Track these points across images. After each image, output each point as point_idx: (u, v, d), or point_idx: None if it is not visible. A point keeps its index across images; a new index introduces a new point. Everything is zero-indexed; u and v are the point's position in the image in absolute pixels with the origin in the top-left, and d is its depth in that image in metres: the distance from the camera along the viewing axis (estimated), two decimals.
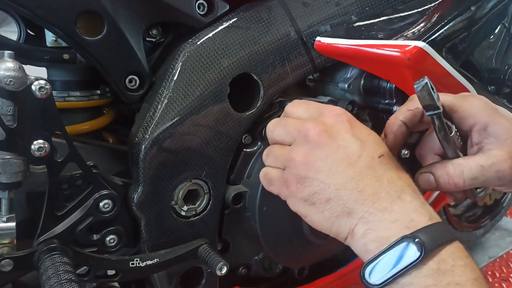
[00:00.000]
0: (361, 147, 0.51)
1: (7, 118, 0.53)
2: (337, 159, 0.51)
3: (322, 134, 0.51)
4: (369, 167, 0.50)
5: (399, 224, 0.46)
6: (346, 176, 0.50)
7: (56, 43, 0.74)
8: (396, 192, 0.48)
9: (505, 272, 1.51)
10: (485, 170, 0.53)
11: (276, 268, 0.89)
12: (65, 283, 0.51)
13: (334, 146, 0.51)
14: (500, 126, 0.54)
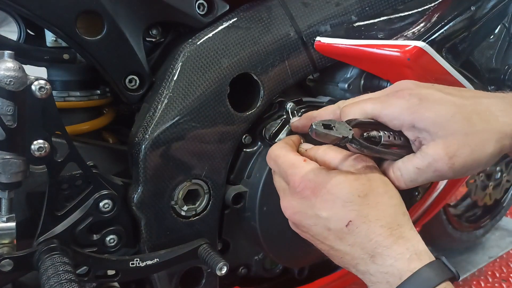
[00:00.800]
0: (327, 222, 0.52)
1: (7, 118, 0.53)
2: (314, 234, 0.55)
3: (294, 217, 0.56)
4: (340, 239, 0.52)
5: (380, 285, 0.49)
6: (327, 246, 0.55)
7: (56, 43, 0.74)
8: (369, 257, 0.50)
9: (505, 272, 1.51)
10: (422, 171, 0.52)
11: (276, 268, 0.89)
12: (65, 283, 0.51)
13: (306, 225, 0.55)
14: (426, 120, 0.51)
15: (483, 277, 1.48)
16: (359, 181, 0.52)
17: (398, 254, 0.48)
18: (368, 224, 0.50)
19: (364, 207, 0.51)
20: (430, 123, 0.51)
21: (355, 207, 0.51)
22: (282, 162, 0.58)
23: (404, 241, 0.49)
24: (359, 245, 0.51)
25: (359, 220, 0.51)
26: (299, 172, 0.55)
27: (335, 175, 0.53)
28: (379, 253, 0.49)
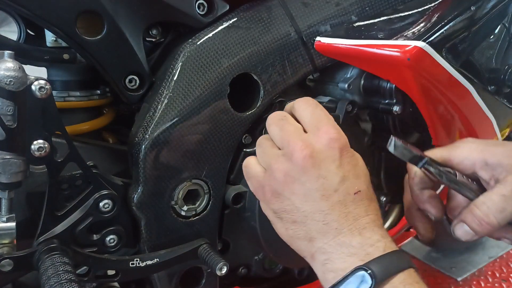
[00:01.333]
0: (340, 181, 0.53)
1: (7, 118, 0.53)
2: (313, 188, 0.53)
3: (306, 159, 0.53)
4: (341, 203, 0.53)
5: (355, 258, 0.50)
6: (317, 207, 0.53)
7: (56, 43, 0.74)
8: (358, 229, 0.52)
9: (505, 272, 1.51)
10: (509, 198, 0.52)
11: (276, 268, 0.89)
12: (65, 283, 0.51)
13: (315, 174, 0.53)
14: (498, 155, 0.54)
15: (483, 277, 1.48)
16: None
17: (385, 234, 0.53)
18: (370, 201, 0.54)
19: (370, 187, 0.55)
20: (503, 156, 0.54)
21: (366, 181, 0.55)
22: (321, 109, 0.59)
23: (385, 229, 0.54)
24: (355, 216, 0.52)
25: (366, 194, 0.54)
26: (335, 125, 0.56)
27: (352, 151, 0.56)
28: (371, 229, 0.52)
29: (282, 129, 0.57)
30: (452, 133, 0.86)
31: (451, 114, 0.81)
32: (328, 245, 0.52)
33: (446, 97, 0.77)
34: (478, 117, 0.84)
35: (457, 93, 0.77)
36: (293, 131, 0.56)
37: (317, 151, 0.53)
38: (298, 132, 0.56)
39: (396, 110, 0.80)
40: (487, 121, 0.87)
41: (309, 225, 0.53)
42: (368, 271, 0.48)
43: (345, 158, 0.54)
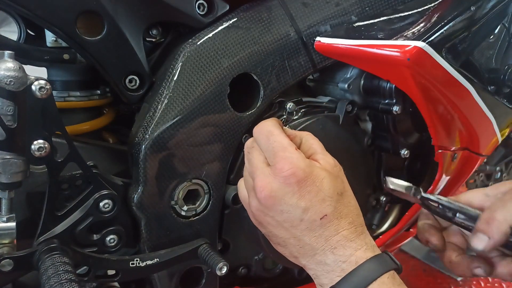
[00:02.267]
0: (303, 212, 0.56)
1: (7, 118, 0.53)
2: (281, 220, 0.57)
3: (267, 199, 0.57)
4: (309, 230, 0.56)
5: (333, 274, 0.55)
6: (289, 234, 0.57)
7: (56, 43, 0.74)
8: (330, 248, 0.55)
9: None
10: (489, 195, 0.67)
11: (276, 268, 0.89)
12: (65, 283, 0.51)
13: (278, 210, 0.57)
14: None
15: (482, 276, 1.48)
16: (338, 180, 0.58)
17: (359, 245, 0.55)
18: (339, 220, 0.56)
19: (340, 204, 0.57)
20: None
21: (333, 203, 0.56)
22: (274, 141, 0.59)
23: (364, 236, 0.57)
24: (325, 237, 0.56)
25: (334, 215, 0.56)
26: (290, 157, 0.57)
27: (321, 170, 0.57)
28: (342, 245, 0.55)
29: (249, 162, 0.61)
30: (452, 133, 0.86)
31: (451, 114, 0.81)
32: (310, 263, 0.57)
33: (446, 97, 0.77)
34: (478, 117, 0.84)
35: (457, 93, 0.77)
36: (256, 165, 0.60)
37: (275, 190, 0.56)
38: (260, 167, 0.59)
39: (396, 110, 0.80)
40: (487, 121, 0.87)
41: (289, 248, 0.59)
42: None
43: (304, 188, 0.56)
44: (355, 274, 0.53)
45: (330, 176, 0.57)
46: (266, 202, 0.57)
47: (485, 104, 0.83)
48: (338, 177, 0.59)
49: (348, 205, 0.58)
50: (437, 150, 0.86)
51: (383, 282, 0.53)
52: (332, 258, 0.55)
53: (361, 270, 0.53)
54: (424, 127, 0.82)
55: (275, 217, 0.58)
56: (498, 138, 0.94)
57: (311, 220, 0.56)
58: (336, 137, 0.81)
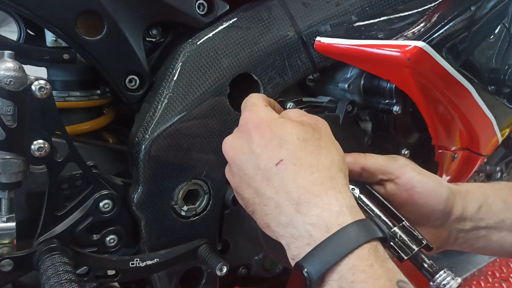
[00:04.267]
0: (258, 158, 0.50)
1: (7, 118, 0.53)
2: (242, 174, 0.52)
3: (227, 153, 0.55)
4: (267, 180, 0.49)
5: (301, 241, 0.45)
6: (252, 191, 0.51)
7: (56, 43, 0.73)
8: (293, 205, 0.46)
9: (505, 272, 1.51)
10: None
11: (276, 268, 0.89)
12: (65, 283, 0.51)
13: (238, 161, 0.53)
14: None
15: (483, 277, 1.48)
16: (305, 128, 0.51)
17: (326, 204, 0.45)
18: (299, 167, 0.48)
19: (300, 151, 0.49)
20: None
21: (290, 147, 0.49)
22: (248, 101, 0.58)
23: (335, 193, 0.46)
24: (285, 188, 0.47)
25: (291, 161, 0.48)
26: (253, 109, 0.55)
27: (282, 119, 0.52)
28: (305, 201, 0.45)
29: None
30: (452, 133, 0.86)
31: (451, 114, 0.81)
32: (278, 228, 0.48)
33: (446, 97, 0.77)
34: (478, 117, 0.84)
35: (457, 93, 0.77)
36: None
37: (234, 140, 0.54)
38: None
39: (396, 110, 0.80)
40: (487, 121, 0.87)
41: (257, 213, 0.51)
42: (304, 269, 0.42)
43: (259, 133, 0.51)
44: (325, 246, 0.42)
45: (293, 123, 0.51)
46: (228, 156, 0.54)
47: (485, 104, 0.83)
48: (306, 125, 0.51)
49: (312, 153, 0.49)
50: (437, 150, 0.86)
51: (361, 256, 0.42)
52: (298, 219, 0.45)
53: (333, 239, 0.42)
54: (424, 127, 0.82)
55: (238, 172, 0.52)
56: (498, 138, 0.94)
57: (267, 168, 0.48)
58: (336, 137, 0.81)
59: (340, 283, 0.41)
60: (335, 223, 0.43)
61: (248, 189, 0.52)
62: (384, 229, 0.45)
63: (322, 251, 0.42)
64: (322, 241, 0.43)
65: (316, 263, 0.42)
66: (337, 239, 0.42)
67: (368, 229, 0.44)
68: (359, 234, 0.43)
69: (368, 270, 0.41)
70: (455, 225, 0.63)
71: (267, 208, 0.49)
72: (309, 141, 0.50)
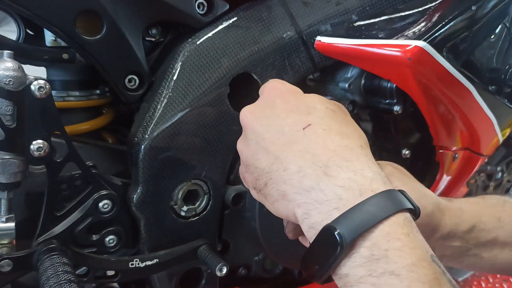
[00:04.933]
0: (283, 121, 0.47)
1: (6, 118, 0.53)
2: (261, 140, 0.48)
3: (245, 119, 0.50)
4: (291, 143, 0.45)
5: (328, 206, 0.41)
6: (270, 159, 0.46)
7: (56, 42, 0.73)
8: (321, 168, 0.42)
9: None
10: None
11: (276, 269, 0.89)
12: (65, 284, 0.50)
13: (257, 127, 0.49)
14: None
15: (483, 277, 1.48)
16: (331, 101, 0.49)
17: (359, 169, 0.42)
18: (328, 132, 0.45)
19: (329, 118, 0.46)
20: None
21: (319, 113, 0.46)
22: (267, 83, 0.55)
23: (367, 160, 0.43)
24: (312, 151, 0.44)
25: (320, 125, 0.45)
26: (276, 81, 0.53)
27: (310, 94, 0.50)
28: (336, 163, 0.42)
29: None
30: (453, 133, 0.86)
31: (452, 114, 0.81)
32: (298, 194, 0.44)
33: (447, 96, 0.77)
34: (478, 117, 0.84)
35: (458, 92, 0.77)
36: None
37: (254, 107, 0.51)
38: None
39: (397, 110, 0.79)
40: (488, 121, 0.86)
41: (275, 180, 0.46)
42: (336, 231, 0.39)
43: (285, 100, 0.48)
44: (359, 209, 0.39)
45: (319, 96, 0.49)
46: (246, 122, 0.50)
47: (486, 104, 0.83)
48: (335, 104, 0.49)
49: (341, 123, 0.47)
50: (438, 150, 0.86)
51: (397, 224, 0.39)
52: (326, 182, 0.41)
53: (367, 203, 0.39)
54: (425, 127, 0.81)
55: (256, 139, 0.48)
56: (499, 138, 0.94)
57: (293, 131, 0.45)
58: None
59: (372, 250, 0.38)
60: (368, 188, 0.41)
61: (265, 156, 0.47)
62: (414, 203, 0.43)
63: (355, 214, 0.39)
64: (355, 205, 0.40)
65: (350, 226, 0.39)
66: (372, 203, 0.39)
67: (402, 199, 0.41)
68: (395, 202, 0.40)
69: (404, 239, 0.38)
70: (441, 242, 0.59)
71: (286, 173, 0.44)
72: (337, 112, 0.48)
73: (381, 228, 0.39)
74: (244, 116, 0.51)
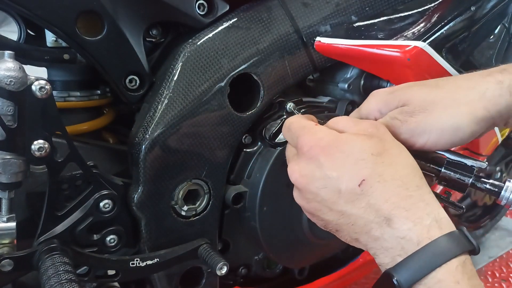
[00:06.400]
0: (338, 182, 0.49)
1: (7, 118, 0.53)
2: (322, 199, 0.50)
3: (299, 182, 0.52)
4: (352, 202, 0.48)
5: (392, 252, 0.46)
6: (336, 213, 0.50)
7: (56, 43, 0.74)
8: (384, 220, 0.46)
9: (505, 272, 1.51)
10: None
11: (276, 268, 0.89)
12: (65, 283, 0.51)
13: (314, 189, 0.50)
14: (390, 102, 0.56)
15: (483, 277, 1.48)
16: (372, 140, 0.49)
17: (417, 218, 0.45)
18: (383, 183, 0.47)
19: (378, 166, 0.48)
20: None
21: (368, 164, 0.48)
22: (294, 127, 0.55)
23: (424, 205, 0.46)
24: (373, 207, 0.47)
25: (373, 178, 0.47)
26: (308, 132, 0.52)
27: (346, 135, 0.50)
28: (396, 215, 0.46)
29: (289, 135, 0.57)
30: None
31: None
32: (368, 241, 0.48)
33: None
34: None
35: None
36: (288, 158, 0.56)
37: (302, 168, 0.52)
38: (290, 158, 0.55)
39: None
40: None
41: (345, 231, 0.51)
42: (394, 278, 0.44)
43: (330, 157, 0.49)
44: (415, 258, 0.44)
45: (359, 137, 0.50)
46: (300, 185, 0.51)
47: None
48: (373, 137, 0.50)
49: (391, 165, 0.48)
50: None
51: (449, 272, 0.43)
52: (390, 233, 0.46)
53: (423, 252, 0.44)
54: None
55: (315, 199, 0.51)
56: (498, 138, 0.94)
57: (350, 190, 0.48)
58: None
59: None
60: (426, 237, 0.45)
61: (330, 212, 0.51)
62: (472, 240, 0.46)
63: (412, 263, 0.44)
64: (413, 253, 0.44)
65: (407, 274, 0.44)
66: (427, 252, 0.44)
67: (458, 242, 0.45)
68: (449, 248, 0.44)
69: (454, 287, 0.43)
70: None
71: (355, 226, 0.49)
72: (383, 154, 0.49)
73: (434, 276, 0.43)
74: (295, 179, 0.53)
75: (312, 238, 0.80)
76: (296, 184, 0.53)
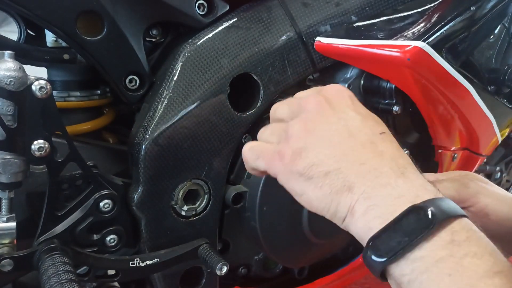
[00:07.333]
0: (362, 122, 0.48)
1: (7, 118, 0.53)
2: (338, 129, 0.47)
3: (323, 104, 0.49)
4: (371, 142, 0.46)
5: (404, 200, 0.42)
6: (347, 147, 0.46)
7: (56, 43, 0.74)
8: (399, 169, 0.44)
9: None
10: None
11: (276, 268, 0.89)
12: (65, 283, 0.51)
13: (335, 116, 0.48)
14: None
15: None
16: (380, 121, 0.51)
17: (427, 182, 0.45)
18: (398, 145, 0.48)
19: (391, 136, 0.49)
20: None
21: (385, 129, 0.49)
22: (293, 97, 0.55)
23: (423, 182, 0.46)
24: (391, 154, 0.45)
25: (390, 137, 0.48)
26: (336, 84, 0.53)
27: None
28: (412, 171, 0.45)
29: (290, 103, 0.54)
30: (452, 133, 0.86)
31: (451, 114, 0.81)
32: (371, 188, 0.44)
33: (446, 97, 0.77)
34: (478, 117, 0.84)
35: (457, 93, 0.77)
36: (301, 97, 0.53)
37: (329, 97, 0.50)
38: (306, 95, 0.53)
39: (396, 110, 0.80)
40: (487, 121, 0.87)
41: (344, 171, 0.45)
42: (429, 208, 0.40)
43: (357, 104, 0.50)
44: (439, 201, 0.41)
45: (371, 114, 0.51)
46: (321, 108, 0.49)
47: (485, 104, 0.83)
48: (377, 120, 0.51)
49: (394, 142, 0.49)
50: (437, 150, 0.87)
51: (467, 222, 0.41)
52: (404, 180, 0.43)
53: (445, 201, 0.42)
54: (424, 127, 0.82)
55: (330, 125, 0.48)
56: (498, 138, 0.94)
57: (371, 132, 0.47)
58: None
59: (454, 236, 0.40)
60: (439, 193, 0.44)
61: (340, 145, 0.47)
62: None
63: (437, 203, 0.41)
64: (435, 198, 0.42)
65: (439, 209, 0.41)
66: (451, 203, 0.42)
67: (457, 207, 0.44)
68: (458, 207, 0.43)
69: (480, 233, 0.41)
70: None
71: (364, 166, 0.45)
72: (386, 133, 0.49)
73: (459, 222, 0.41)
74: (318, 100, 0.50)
75: (312, 238, 0.80)
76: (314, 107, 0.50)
